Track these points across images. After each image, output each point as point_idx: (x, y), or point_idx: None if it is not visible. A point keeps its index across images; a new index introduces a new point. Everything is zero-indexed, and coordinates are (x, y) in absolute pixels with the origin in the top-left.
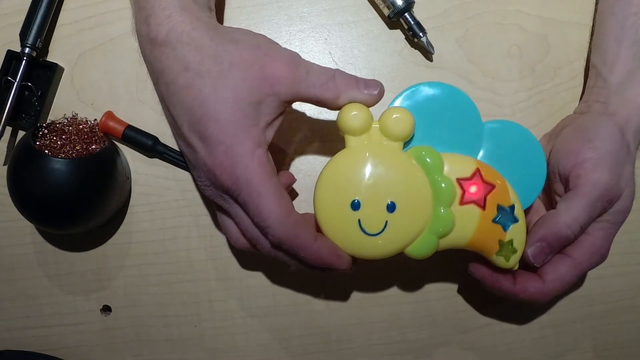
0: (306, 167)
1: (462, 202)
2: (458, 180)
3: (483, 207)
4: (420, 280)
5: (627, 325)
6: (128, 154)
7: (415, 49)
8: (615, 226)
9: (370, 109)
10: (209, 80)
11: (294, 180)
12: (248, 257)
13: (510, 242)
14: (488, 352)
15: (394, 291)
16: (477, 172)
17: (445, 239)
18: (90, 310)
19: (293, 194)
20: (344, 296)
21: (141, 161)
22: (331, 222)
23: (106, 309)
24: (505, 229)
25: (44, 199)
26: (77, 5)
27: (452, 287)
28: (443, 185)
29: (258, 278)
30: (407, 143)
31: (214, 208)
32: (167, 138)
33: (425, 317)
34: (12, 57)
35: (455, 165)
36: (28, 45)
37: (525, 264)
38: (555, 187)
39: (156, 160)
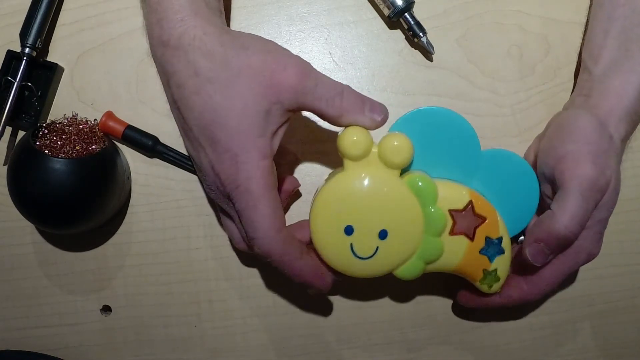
0: (306, 167)
1: (452, 233)
2: (450, 211)
3: (472, 238)
4: (420, 281)
5: (627, 325)
6: (128, 154)
7: (415, 49)
8: (600, 223)
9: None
10: (219, 87)
11: (298, 185)
12: (248, 257)
13: (495, 271)
14: (488, 352)
15: (394, 291)
16: (470, 204)
17: (433, 264)
18: (90, 310)
19: (295, 195)
20: (344, 296)
21: (141, 161)
22: (325, 243)
23: (106, 309)
24: (491, 260)
25: (44, 199)
26: (77, 5)
27: (452, 287)
28: (435, 217)
29: (258, 278)
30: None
31: (217, 209)
32: (167, 138)
33: (425, 317)
34: (12, 57)
35: (449, 195)
36: (28, 45)
37: (524, 263)
38: (543, 189)
39: (156, 160)
